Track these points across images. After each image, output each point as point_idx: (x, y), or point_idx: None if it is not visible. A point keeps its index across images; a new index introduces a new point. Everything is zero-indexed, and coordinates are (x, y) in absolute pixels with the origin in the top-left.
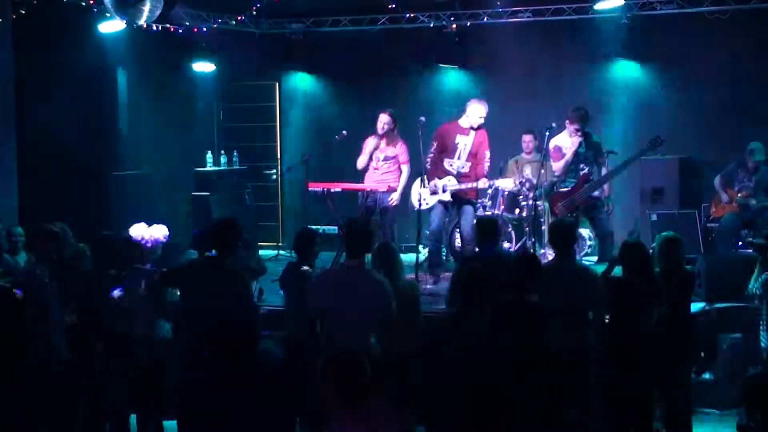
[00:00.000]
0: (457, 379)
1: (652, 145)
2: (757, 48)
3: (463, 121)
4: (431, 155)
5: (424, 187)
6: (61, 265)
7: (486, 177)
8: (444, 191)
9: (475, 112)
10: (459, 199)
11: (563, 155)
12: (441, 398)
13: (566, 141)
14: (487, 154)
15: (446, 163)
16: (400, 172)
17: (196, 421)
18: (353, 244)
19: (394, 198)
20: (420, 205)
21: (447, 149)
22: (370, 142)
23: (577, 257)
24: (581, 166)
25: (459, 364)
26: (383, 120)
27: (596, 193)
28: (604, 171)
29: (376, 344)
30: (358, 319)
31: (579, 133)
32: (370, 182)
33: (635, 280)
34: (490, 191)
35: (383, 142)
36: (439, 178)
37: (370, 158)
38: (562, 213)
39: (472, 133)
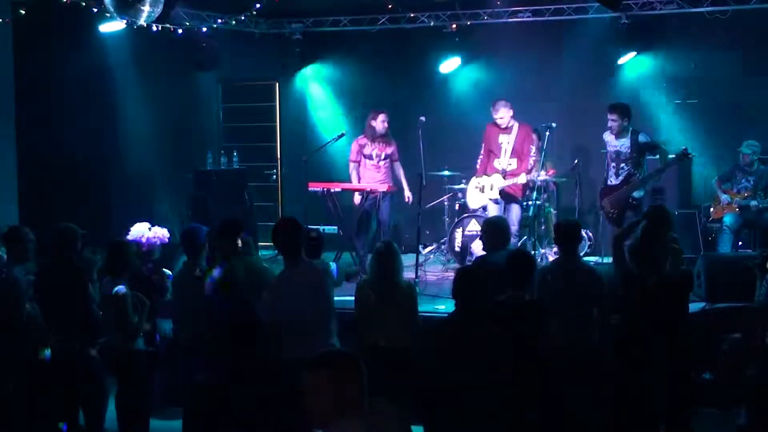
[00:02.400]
0: (455, 378)
1: (679, 158)
2: (757, 48)
3: (498, 120)
4: (480, 156)
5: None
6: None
7: (527, 172)
8: (491, 189)
9: (496, 113)
10: (506, 197)
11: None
12: (439, 398)
13: (608, 137)
14: (532, 149)
15: (495, 162)
16: (396, 170)
17: (204, 419)
18: (286, 246)
19: (409, 194)
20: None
21: (493, 150)
22: (367, 144)
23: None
24: (622, 165)
25: (457, 363)
26: (383, 119)
27: (640, 194)
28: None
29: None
30: (313, 319)
31: (610, 123)
32: (371, 182)
33: (647, 279)
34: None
35: (382, 142)
36: (488, 176)
37: (370, 158)
38: (606, 208)
39: (515, 130)
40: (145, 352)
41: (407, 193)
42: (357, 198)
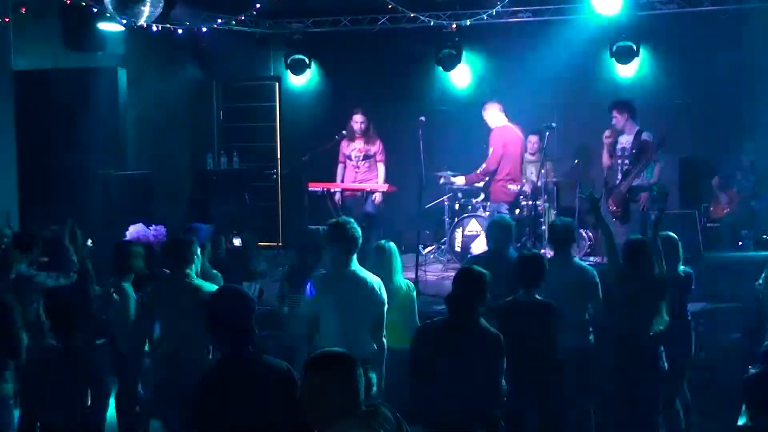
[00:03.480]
0: (452, 378)
1: (660, 144)
2: (757, 48)
3: None
4: None
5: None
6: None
7: (481, 173)
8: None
9: None
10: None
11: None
12: (439, 397)
13: (618, 138)
14: (490, 150)
15: None
16: (377, 170)
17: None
18: (343, 246)
19: (378, 197)
20: None
21: None
22: (346, 145)
23: (577, 257)
24: (626, 162)
25: (456, 363)
26: (358, 120)
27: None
28: (656, 168)
29: (371, 344)
30: (352, 321)
31: (612, 122)
32: (350, 182)
33: (640, 277)
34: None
35: (361, 142)
36: None
37: (349, 158)
38: (611, 208)
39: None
40: (147, 353)
41: (377, 195)
42: (337, 196)
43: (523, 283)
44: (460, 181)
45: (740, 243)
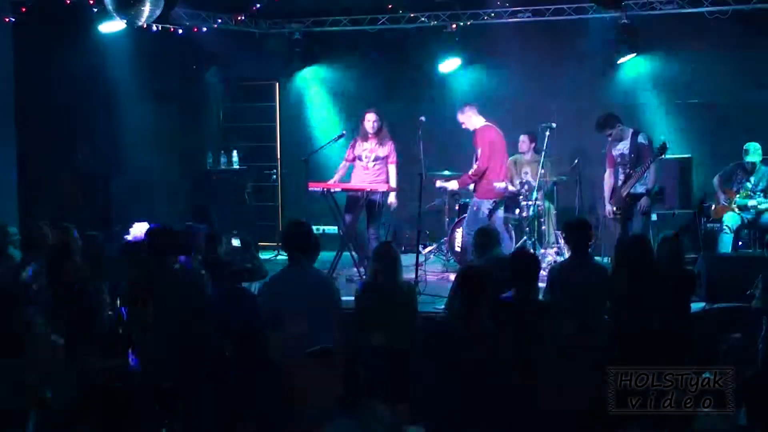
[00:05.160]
0: (455, 378)
1: (660, 151)
2: (757, 48)
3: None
4: None
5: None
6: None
7: (471, 176)
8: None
9: None
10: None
11: (609, 157)
12: (439, 397)
13: (611, 144)
14: (478, 151)
15: None
16: (388, 172)
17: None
18: (293, 247)
19: (393, 200)
20: None
21: None
22: (358, 145)
23: None
24: (626, 166)
25: (457, 363)
26: (371, 119)
27: (641, 189)
28: (652, 170)
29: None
30: (319, 318)
31: (609, 138)
32: (359, 182)
33: (640, 276)
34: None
35: (373, 143)
36: None
37: (359, 158)
38: (612, 210)
39: (475, 133)
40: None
41: (392, 196)
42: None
43: (516, 282)
44: (452, 185)
45: (740, 243)
